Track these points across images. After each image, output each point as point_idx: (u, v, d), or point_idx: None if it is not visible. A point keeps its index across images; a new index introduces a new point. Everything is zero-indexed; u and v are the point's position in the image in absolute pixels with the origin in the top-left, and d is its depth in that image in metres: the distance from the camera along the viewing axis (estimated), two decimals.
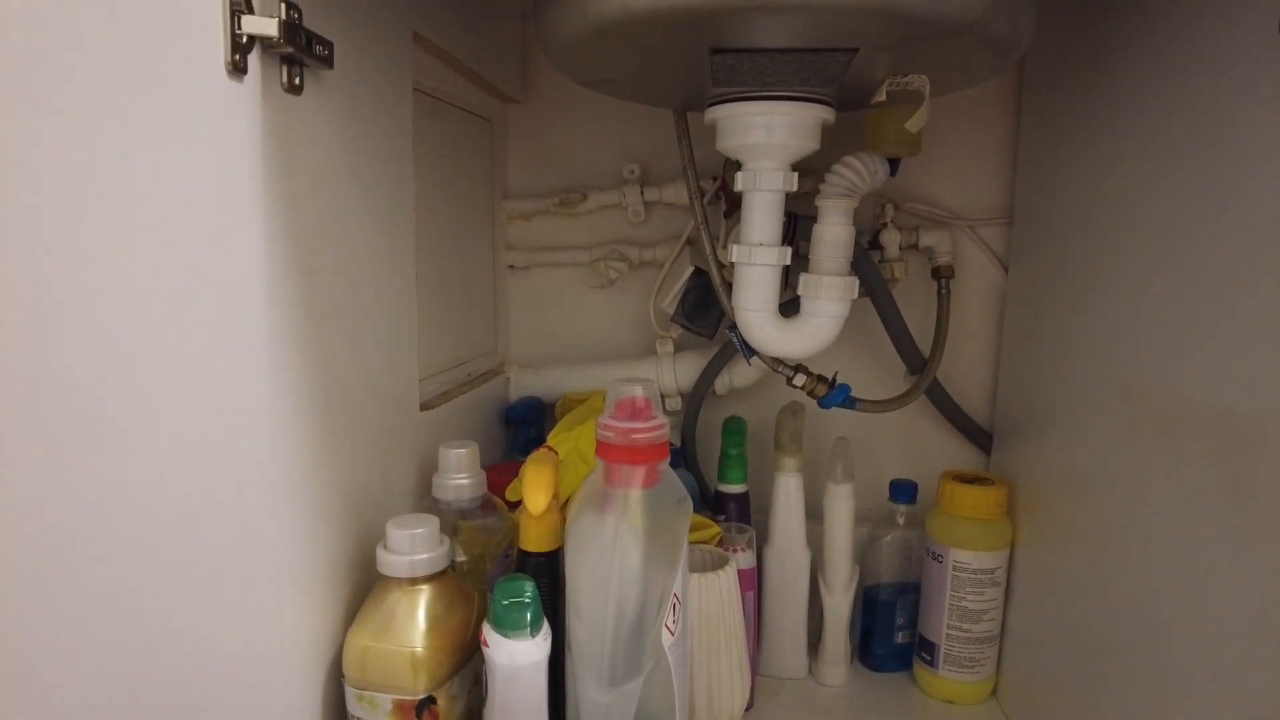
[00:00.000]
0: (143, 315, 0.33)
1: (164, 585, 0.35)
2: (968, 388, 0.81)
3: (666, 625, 0.47)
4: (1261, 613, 0.40)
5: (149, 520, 0.34)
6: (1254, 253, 0.42)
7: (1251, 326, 0.42)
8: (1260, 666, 0.39)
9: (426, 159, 0.66)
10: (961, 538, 0.70)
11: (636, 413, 0.49)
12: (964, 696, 0.73)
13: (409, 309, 0.59)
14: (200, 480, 0.37)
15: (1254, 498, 0.41)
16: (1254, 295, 0.41)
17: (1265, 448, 0.40)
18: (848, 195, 0.62)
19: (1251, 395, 0.41)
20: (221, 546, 0.38)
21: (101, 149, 0.31)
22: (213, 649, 0.38)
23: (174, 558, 0.35)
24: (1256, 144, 0.42)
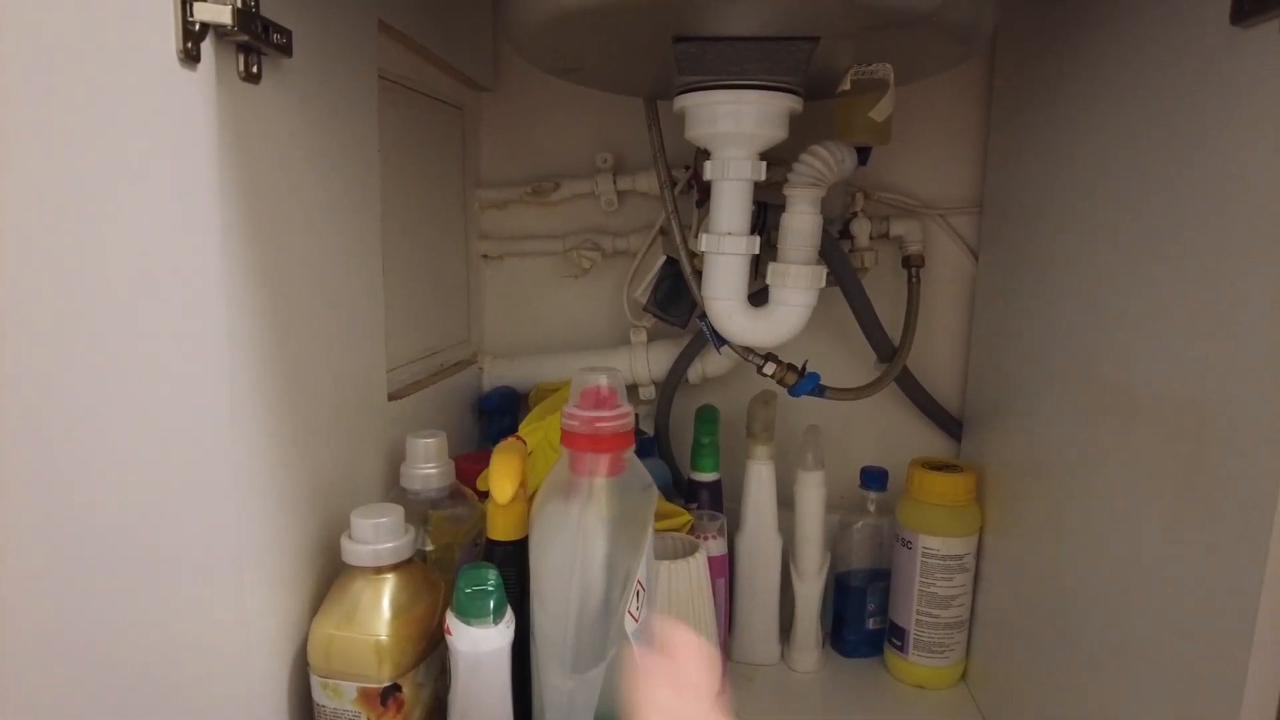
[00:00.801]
0: (96, 308, 0.33)
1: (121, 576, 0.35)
2: (939, 375, 0.82)
3: (630, 612, 0.47)
4: (1208, 589, 0.40)
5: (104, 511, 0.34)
6: (1201, 247, 0.42)
7: (1198, 317, 0.42)
8: (1207, 640, 0.40)
9: (395, 148, 0.66)
10: (930, 524, 0.71)
11: (601, 401, 0.49)
12: (934, 681, 0.74)
13: (375, 299, 0.59)
14: (157, 471, 0.37)
15: (1201, 482, 0.41)
16: (1201, 287, 0.42)
17: (1211, 434, 0.41)
18: (815, 184, 0.62)
19: (1198, 384, 0.42)
20: (180, 537, 0.38)
21: (48, 139, 0.31)
22: (172, 639, 0.38)
23: (131, 549, 0.35)
24: (1208, 138, 0.42)
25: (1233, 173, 0.40)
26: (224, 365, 0.40)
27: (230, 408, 0.41)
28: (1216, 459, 0.40)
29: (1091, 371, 0.53)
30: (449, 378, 0.75)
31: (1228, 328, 0.40)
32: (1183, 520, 0.43)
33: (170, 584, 0.38)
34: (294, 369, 0.47)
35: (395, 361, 0.65)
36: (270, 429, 0.45)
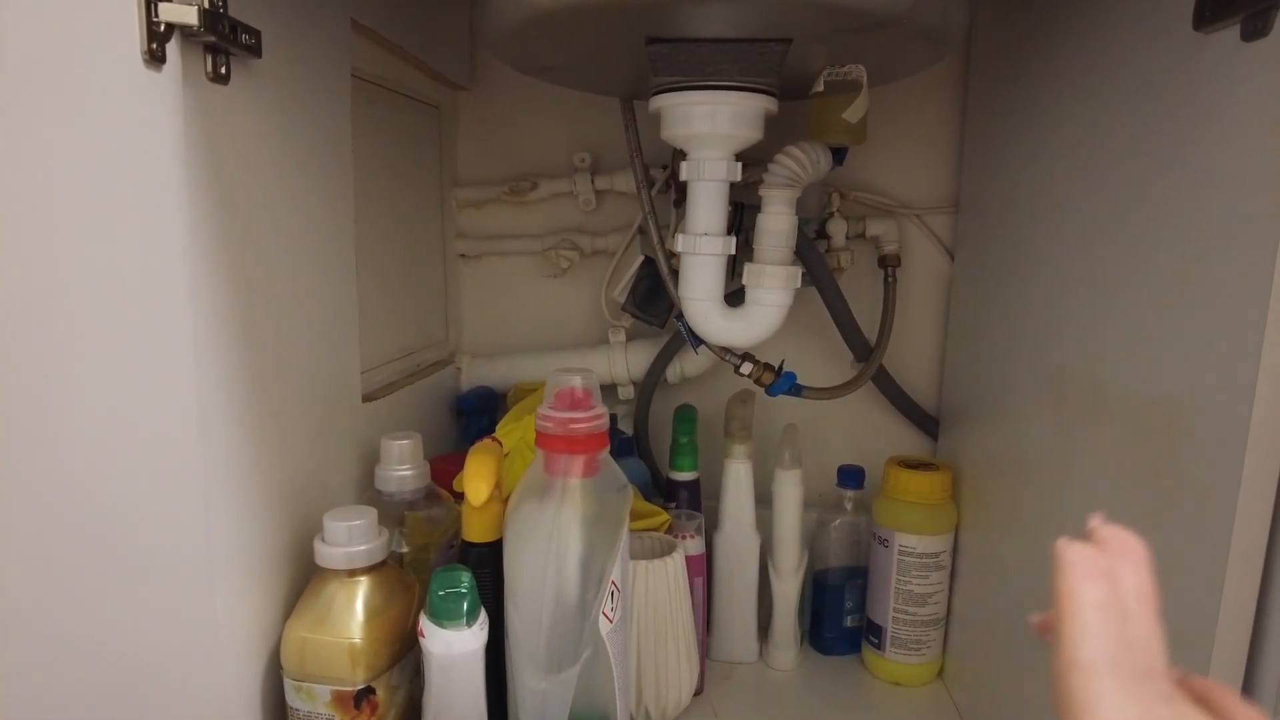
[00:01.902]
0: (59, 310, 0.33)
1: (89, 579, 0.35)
2: (915, 375, 0.82)
3: (604, 612, 0.47)
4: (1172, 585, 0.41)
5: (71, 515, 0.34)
6: (1166, 247, 0.43)
7: (1164, 317, 0.43)
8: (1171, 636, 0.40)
9: (370, 147, 0.65)
10: (906, 522, 0.72)
11: (576, 403, 0.49)
12: (910, 679, 0.75)
13: (348, 300, 0.59)
14: (123, 473, 0.36)
15: (1167, 479, 0.42)
16: (1166, 287, 0.43)
17: (1178, 433, 0.41)
18: (790, 185, 0.63)
19: (1165, 383, 0.42)
20: (147, 539, 0.38)
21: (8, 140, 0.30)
22: (141, 642, 0.38)
23: (98, 552, 0.35)
24: (1171, 141, 0.43)
25: (1195, 175, 0.41)
26: (190, 367, 0.40)
27: (198, 410, 0.41)
28: (1181, 457, 0.41)
29: (1063, 370, 0.54)
30: (426, 378, 0.75)
31: (1192, 327, 0.40)
32: (1149, 517, 0.43)
33: (138, 586, 0.38)
34: (264, 371, 0.47)
35: (370, 362, 0.65)
36: (240, 431, 0.45)
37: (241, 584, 0.46)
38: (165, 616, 0.40)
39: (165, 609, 0.40)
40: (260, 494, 0.47)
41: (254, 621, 0.47)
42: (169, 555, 0.40)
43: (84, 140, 0.33)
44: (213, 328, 0.42)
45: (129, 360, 0.36)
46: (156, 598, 0.39)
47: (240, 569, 0.46)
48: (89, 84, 0.34)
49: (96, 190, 0.34)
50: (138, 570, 0.38)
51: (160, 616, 0.39)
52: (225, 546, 0.44)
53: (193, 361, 0.40)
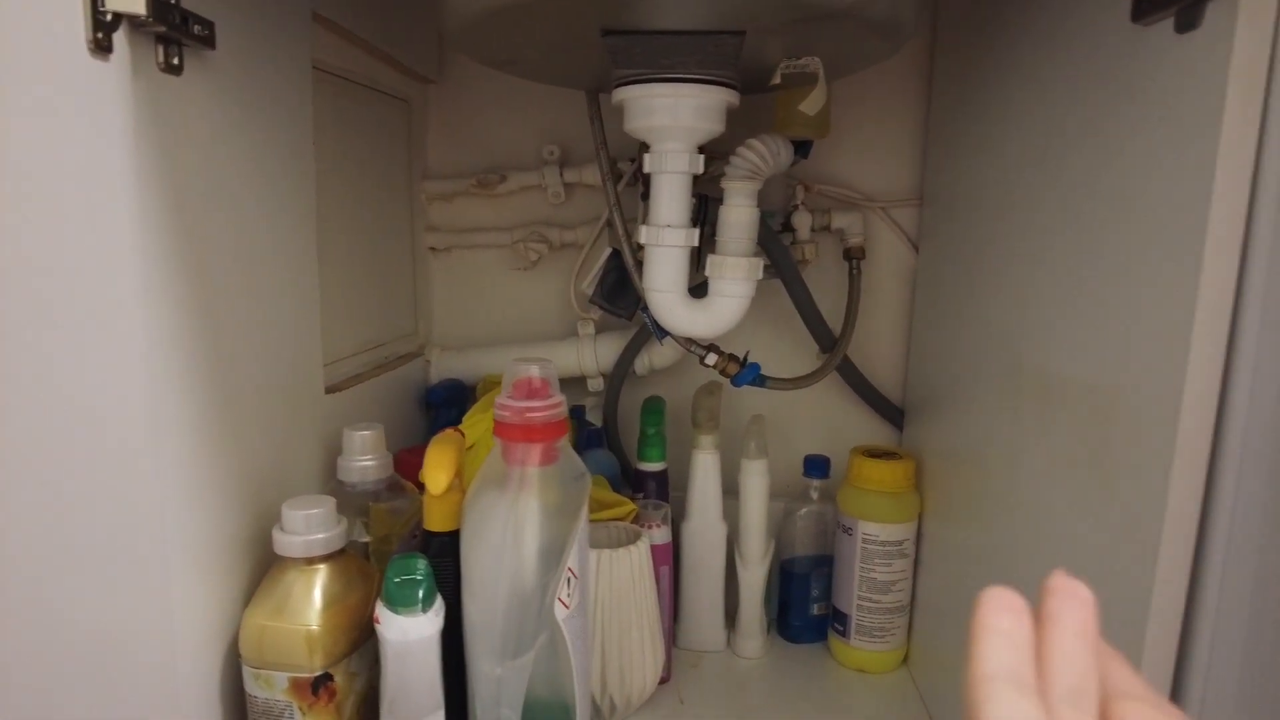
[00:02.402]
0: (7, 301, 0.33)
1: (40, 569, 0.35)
2: (881, 365, 0.83)
3: (561, 599, 0.48)
4: (1111, 568, 0.42)
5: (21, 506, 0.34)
6: (1108, 239, 0.44)
7: (1105, 307, 0.44)
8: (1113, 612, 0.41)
9: (336, 140, 0.66)
10: (870, 510, 0.73)
11: (533, 392, 0.50)
12: (875, 666, 0.76)
13: (310, 292, 0.59)
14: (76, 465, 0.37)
15: (1107, 465, 0.43)
16: (1108, 279, 0.43)
17: (1118, 420, 0.42)
18: (751, 177, 0.63)
19: (1106, 372, 0.43)
20: (101, 530, 0.38)
21: None
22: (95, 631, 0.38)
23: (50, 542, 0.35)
24: (1114, 133, 0.43)
25: (1135, 168, 0.41)
26: (142, 357, 0.40)
27: (151, 401, 0.41)
28: (1119, 443, 0.42)
29: (1017, 360, 0.55)
30: (393, 370, 0.75)
31: (1129, 316, 0.41)
32: (1091, 502, 0.44)
33: (91, 576, 0.38)
34: (221, 362, 0.47)
35: (335, 354, 0.65)
36: (195, 421, 0.45)
37: (200, 573, 0.46)
38: (120, 606, 0.40)
39: (120, 598, 0.40)
40: (219, 484, 0.48)
41: (213, 610, 0.48)
42: (123, 545, 0.40)
43: (27, 130, 0.34)
44: (166, 319, 0.42)
45: (79, 352, 0.37)
46: (111, 587, 0.39)
47: (198, 558, 0.46)
48: (32, 73, 0.34)
49: (42, 181, 0.34)
50: (91, 560, 0.38)
51: (115, 606, 0.40)
52: (182, 536, 0.44)
53: (145, 353, 0.41)
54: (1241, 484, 0.37)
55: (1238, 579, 0.37)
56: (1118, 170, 0.43)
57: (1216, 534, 0.37)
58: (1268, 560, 0.35)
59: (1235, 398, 0.37)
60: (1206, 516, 0.38)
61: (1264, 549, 0.35)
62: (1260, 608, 0.36)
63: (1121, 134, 0.43)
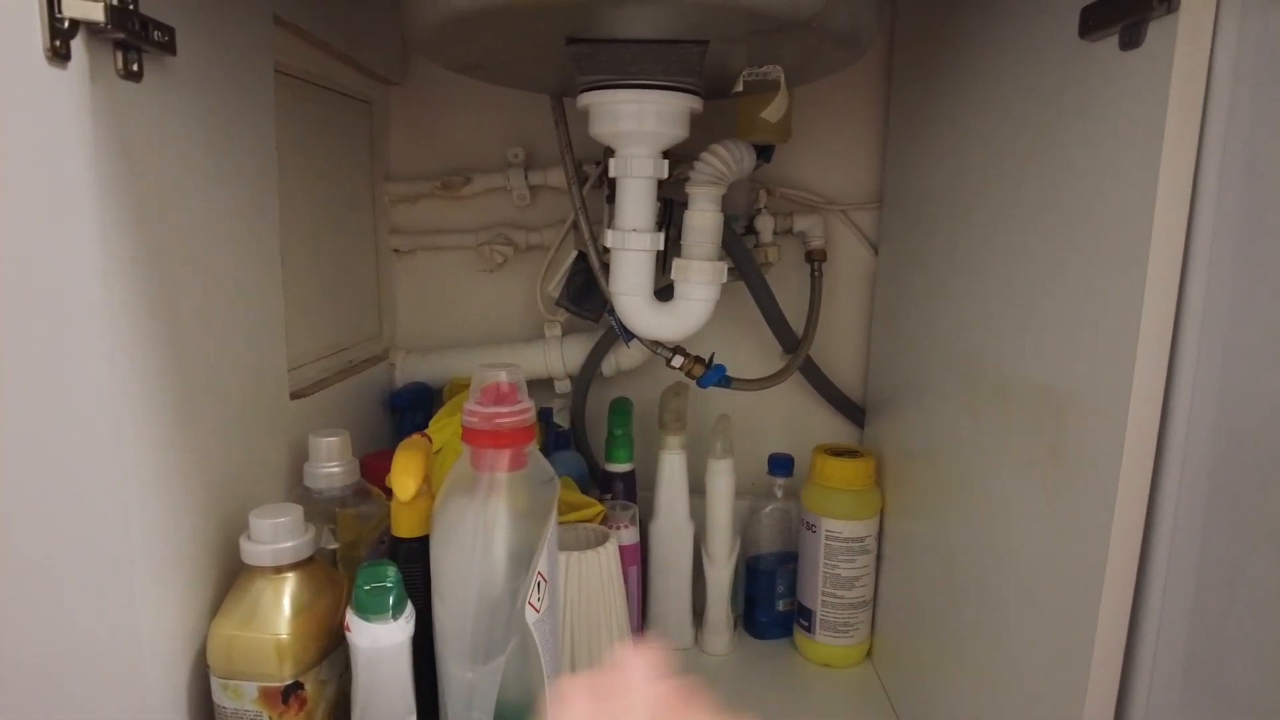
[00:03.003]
0: None
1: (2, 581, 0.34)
2: (842, 365, 0.85)
3: (531, 603, 0.48)
4: (1064, 565, 0.44)
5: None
6: (1061, 245, 0.45)
7: (1058, 311, 0.45)
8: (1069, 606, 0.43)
9: (298, 143, 0.65)
10: (832, 508, 0.74)
11: (501, 397, 0.50)
12: (840, 660, 0.77)
13: (274, 297, 0.58)
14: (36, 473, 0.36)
15: (1061, 464, 0.44)
16: (1059, 282, 0.45)
17: (1073, 418, 0.44)
18: (715, 182, 0.64)
19: (1058, 373, 0.45)
20: (62, 539, 0.38)
21: None
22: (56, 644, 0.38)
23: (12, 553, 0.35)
24: (1064, 143, 0.45)
25: (1083, 177, 0.43)
26: (104, 365, 0.40)
27: (113, 409, 0.41)
28: (1071, 442, 0.43)
29: (974, 360, 0.56)
30: (358, 375, 0.75)
31: (1080, 319, 0.43)
32: (1045, 499, 0.46)
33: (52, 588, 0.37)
34: (185, 369, 0.47)
35: (299, 359, 0.65)
36: (159, 429, 0.45)
37: (165, 583, 0.46)
38: (83, 617, 0.40)
39: (81, 610, 0.39)
40: (184, 492, 0.47)
41: (179, 620, 0.47)
42: (86, 555, 0.39)
43: None
44: (128, 326, 0.42)
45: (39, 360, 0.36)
46: (72, 599, 0.39)
47: (164, 568, 0.46)
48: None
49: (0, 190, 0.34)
50: (52, 571, 0.37)
51: (76, 618, 0.39)
52: (146, 545, 0.44)
53: (107, 360, 0.40)
54: (1185, 479, 0.38)
55: (1182, 571, 0.38)
56: (1067, 178, 0.45)
57: (1162, 528, 0.39)
58: (1210, 551, 0.37)
59: (1178, 397, 0.38)
60: (1153, 511, 0.40)
61: (1206, 540, 0.37)
62: (1203, 597, 0.37)
63: (1070, 144, 0.44)
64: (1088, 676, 0.41)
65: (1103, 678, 0.41)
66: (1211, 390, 0.37)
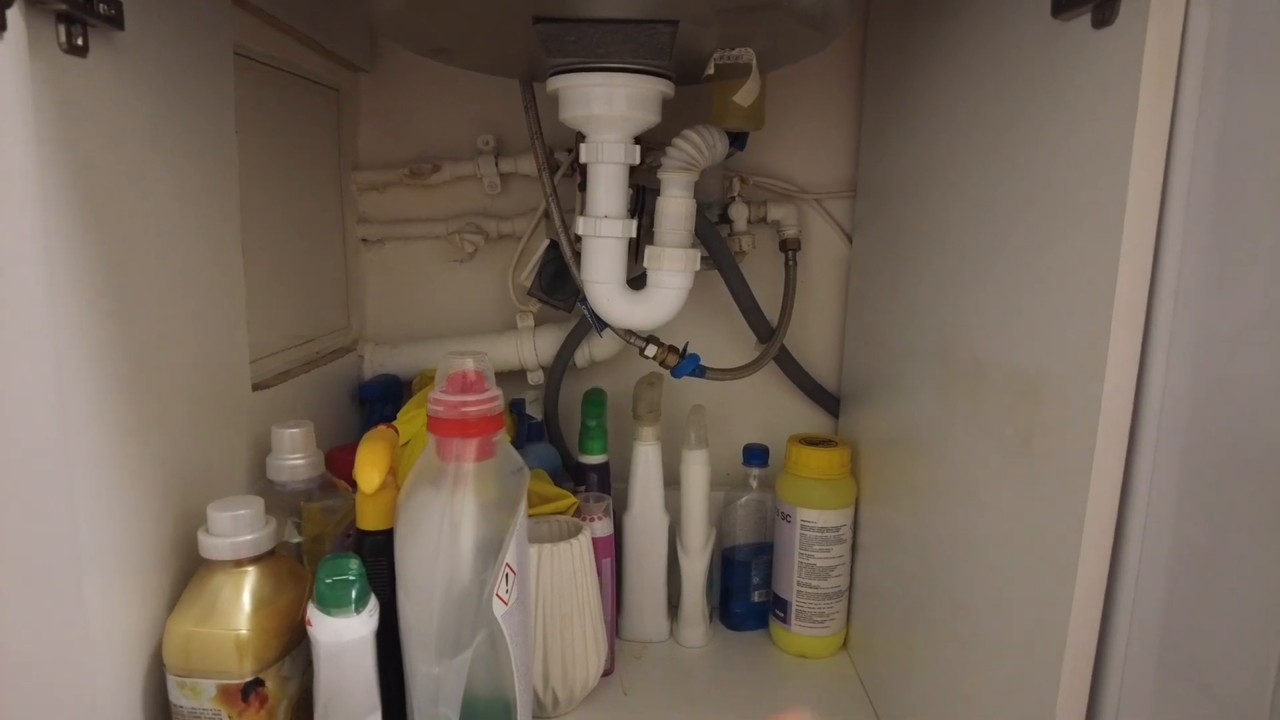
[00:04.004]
0: None
1: None
2: (817, 355, 0.84)
3: (499, 595, 0.47)
4: (1039, 550, 0.43)
5: None
6: (1032, 228, 0.45)
7: (1032, 294, 0.45)
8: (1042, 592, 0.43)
9: (261, 129, 0.63)
10: (807, 498, 0.73)
11: (468, 386, 0.49)
12: (816, 651, 0.77)
13: (234, 286, 0.57)
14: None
15: (1035, 448, 0.44)
16: (1032, 266, 0.45)
17: (1045, 402, 0.43)
18: (687, 168, 0.63)
19: (1032, 357, 0.45)
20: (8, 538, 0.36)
21: None
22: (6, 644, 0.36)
23: None
24: (1037, 125, 0.44)
25: (1056, 158, 0.43)
26: (47, 352, 0.38)
27: (56, 397, 0.39)
28: (1046, 428, 0.43)
29: (948, 347, 0.56)
30: (324, 366, 0.73)
31: (1053, 302, 0.43)
32: (1020, 484, 0.45)
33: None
34: (136, 356, 0.45)
35: (262, 350, 0.63)
36: (110, 422, 0.43)
37: (118, 579, 0.44)
38: (27, 614, 0.38)
39: (27, 606, 0.38)
40: (137, 486, 0.46)
41: (133, 618, 0.46)
42: (26, 551, 0.38)
43: None
44: (74, 312, 0.40)
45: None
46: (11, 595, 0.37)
47: (116, 563, 0.44)
48: None
49: None
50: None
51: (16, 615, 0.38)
52: (96, 541, 0.42)
53: (50, 347, 0.38)
54: (1158, 464, 0.38)
55: (1155, 556, 0.38)
56: (1039, 160, 0.44)
57: (1135, 512, 0.39)
58: (1183, 536, 0.37)
59: (1152, 380, 0.38)
60: (1126, 496, 0.39)
61: (1179, 525, 0.37)
62: (1176, 582, 0.37)
63: (1042, 125, 0.44)
64: (1061, 662, 0.41)
65: (1076, 663, 0.41)
66: (1185, 373, 0.37)
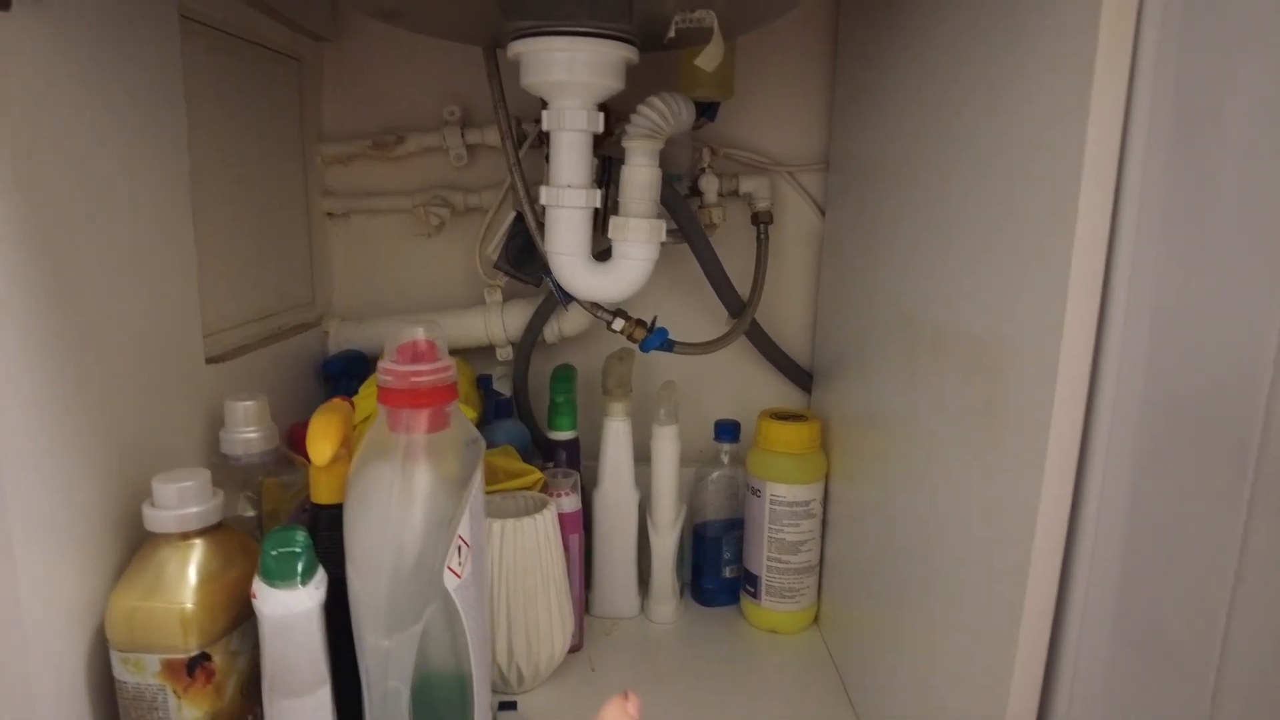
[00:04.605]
0: None
1: None
2: (789, 329, 0.84)
3: (451, 568, 0.47)
4: (1000, 515, 0.43)
5: None
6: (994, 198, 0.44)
7: (992, 264, 0.44)
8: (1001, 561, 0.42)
9: (216, 98, 0.62)
10: (777, 472, 0.73)
11: (419, 355, 0.48)
12: (786, 626, 0.77)
13: (184, 257, 0.55)
14: None
15: (996, 416, 0.43)
16: (992, 235, 0.44)
17: (1004, 371, 0.43)
18: (652, 135, 0.62)
19: (993, 324, 0.44)
20: None
21: None
22: None
23: None
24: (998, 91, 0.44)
25: (1016, 122, 0.42)
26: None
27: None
28: (1005, 396, 0.42)
29: (913, 319, 0.55)
30: (286, 341, 0.72)
31: (1014, 271, 0.42)
32: (981, 453, 0.45)
33: None
34: (76, 331, 0.44)
35: (219, 324, 0.62)
36: (46, 393, 0.42)
37: (57, 552, 0.43)
38: None
39: None
40: (78, 459, 0.45)
41: (76, 592, 0.45)
42: None
43: None
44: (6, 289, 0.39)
45: None
46: None
47: (56, 537, 0.43)
48: None
49: None
50: None
51: None
52: (30, 515, 0.41)
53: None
54: (1114, 430, 0.37)
55: (1112, 523, 0.38)
56: (999, 124, 0.43)
57: (1092, 479, 0.38)
58: (1139, 502, 0.36)
59: (1109, 346, 0.37)
60: (1084, 462, 0.39)
61: (1135, 491, 0.36)
62: (1131, 548, 0.37)
63: (1004, 86, 0.43)
64: (1019, 625, 0.40)
65: (1034, 625, 0.40)
66: (1142, 341, 0.36)
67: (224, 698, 0.46)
